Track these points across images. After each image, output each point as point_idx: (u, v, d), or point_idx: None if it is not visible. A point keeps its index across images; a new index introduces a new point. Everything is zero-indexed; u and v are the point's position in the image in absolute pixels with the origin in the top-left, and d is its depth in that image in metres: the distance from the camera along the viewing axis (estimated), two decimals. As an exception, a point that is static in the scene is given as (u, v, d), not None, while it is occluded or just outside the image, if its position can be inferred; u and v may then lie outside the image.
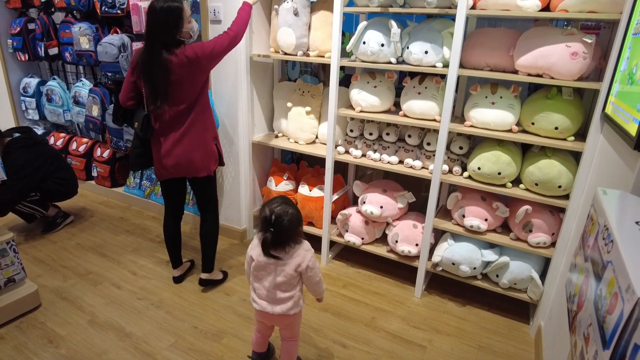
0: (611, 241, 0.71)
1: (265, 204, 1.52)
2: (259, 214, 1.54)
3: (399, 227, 2.38)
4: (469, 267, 2.17)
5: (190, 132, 2.03)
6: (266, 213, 1.47)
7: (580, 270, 0.88)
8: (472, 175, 2.13)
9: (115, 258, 2.66)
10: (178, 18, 1.86)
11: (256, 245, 1.55)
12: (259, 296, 1.58)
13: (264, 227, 1.49)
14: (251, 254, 1.56)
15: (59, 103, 3.72)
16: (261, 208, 1.53)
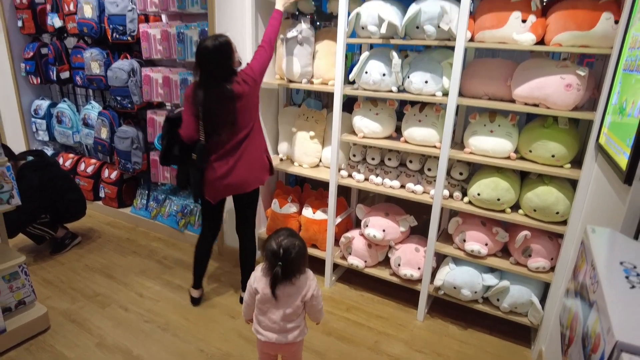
0: (597, 281, 0.76)
1: (271, 237, 1.54)
2: (264, 245, 1.56)
3: (402, 250, 2.42)
4: (470, 291, 2.21)
5: (246, 153, 2.15)
6: (274, 247, 1.49)
7: (572, 304, 0.93)
8: (472, 200, 2.18)
9: (122, 280, 2.71)
10: (230, 51, 2.03)
11: (260, 277, 1.55)
12: (264, 328, 1.58)
13: (271, 261, 1.50)
14: (255, 286, 1.55)
15: (68, 125, 3.82)
16: (267, 241, 1.54)
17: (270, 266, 1.51)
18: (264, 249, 1.54)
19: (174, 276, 2.75)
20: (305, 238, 2.30)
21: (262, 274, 1.56)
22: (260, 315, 1.58)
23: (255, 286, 1.56)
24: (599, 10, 1.75)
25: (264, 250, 1.54)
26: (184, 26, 2.84)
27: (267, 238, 1.55)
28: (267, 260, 1.53)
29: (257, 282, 1.56)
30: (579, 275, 0.93)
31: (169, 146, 2.19)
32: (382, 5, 2.15)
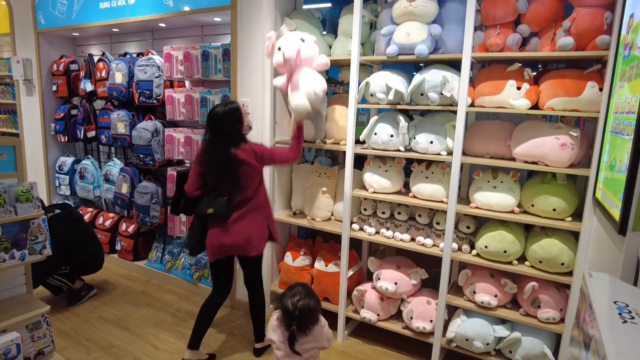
0: (594, 318, 0.86)
1: (286, 294, 1.63)
2: (280, 300, 1.64)
3: (414, 303, 2.47)
4: (483, 343, 2.24)
5: (247, 217, 2.25)
6: (289, 308, 1.58)
7: (576, 343, 1.02)
8: (480, 253, 2.27)
9: (137, 332, 2.75)
10: (240, 115, 2.22)
11: (276, 326, 1.63)
12: None
13: (287, 320, 1.59)
14: (272, 337, 1.64)
15: (90, 180, 4.02)
16: (282, 298, 1.63)
17: (287, 324, 1.59)
18: (280, 304, 1.62)
19: (188, 329, 2.77)
20: (317, 291, 2.36)
21: (278, 324, 1.63)
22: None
23: (272, 337, 1.63)
24: (584, 79, 1.95)
25: (280, 305, 1.62)
26: (207, 92, 3.11)
27: (283, 294, 1.63)
28: (283, 315, 1.61)
29: (272, 333, 1.63)
30: (581, 316, 1.02)
31: (177, 198, 2.39)
32: (389, 75, 2.38)
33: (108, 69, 3.65)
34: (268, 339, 1.65)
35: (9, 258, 2.06)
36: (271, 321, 1.66)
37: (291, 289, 1.65)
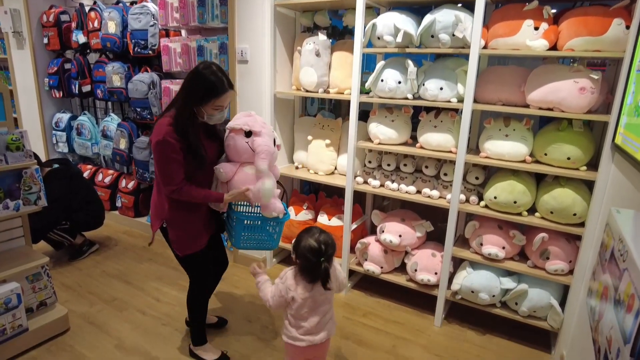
0: (626, 251, 0.78)
1: (303, 238, 1.52)
2: (296, 246, 1.54)
3: (418, 256, 2.43)
4: (488, 295, 2.21)
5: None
6: (314, 244, 1.48)
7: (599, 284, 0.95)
8: (489, 204, 2.20)
9: (139, 285, 2.74)
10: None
11: (294, 284, 1.53)
12: (306, 332, 1.57)
13: (312, 259, 1.48)
14: (292, 295, 1.53)
15: (88, 137, 3.92)
16: (301, 241, 1.52)
17: (312, 264, 1.49)
18: (299, 249, 1.51)
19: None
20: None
21: (295, 281, 1.54)
22: (300, 321, 1.57)
23: (292, 295, 1.54)
24: (610, 16, 1.80)
25: (299, 251, 1.52)
26: (204, 40, 2.95)
27: (299, 238, 1.53)
28: (304, 260, 1.50)
29: (293, 291, 1.54)
30: (606, 254, 0.95)
31: None
32: (397, 16, 2.23)
33: (100, 18, 3.47)
34: (289, 298, 1.54)
35: (2, 208, 2.00)
36: (285, 281, 1.56)
37: (306, 232, 1.55)
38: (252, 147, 1.78)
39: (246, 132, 1.79)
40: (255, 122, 1.82)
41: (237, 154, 1.82)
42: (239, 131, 1.80)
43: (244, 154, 1.80)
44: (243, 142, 1.79)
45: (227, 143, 1.84)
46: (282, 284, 1.55)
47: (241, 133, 1.80)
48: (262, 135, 1.79)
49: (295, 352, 1.63)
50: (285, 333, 1.61)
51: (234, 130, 1.81)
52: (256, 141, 1.78)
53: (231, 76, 2.77)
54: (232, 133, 1.82)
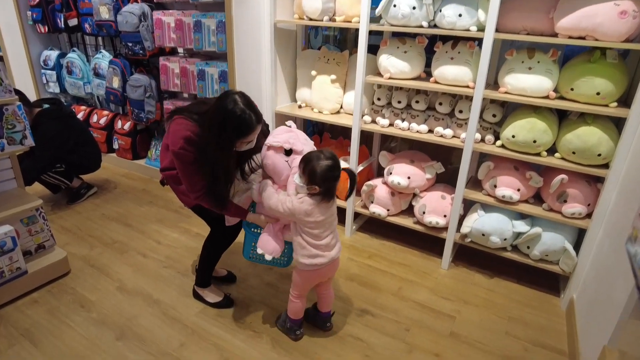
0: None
1: (315, 162, 1.47)
2: (310, 170, 1.48)
3: (427, 198, 2.33)
4: (500, 238, 2.13)
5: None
6: (330, 163, 1.48)
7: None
8: (506, 143, 2.05)
9: (139, 228, 2.68)
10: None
11: (311, 208, 1.51)
12: (325, 249, 1.59)
13: (329, 175, 1.48)
14: (315, 219, 1.53)
15: (79, 75, 3.71)
16: (315, 168, 1.47)
17: (334, 184, 1.52)
18: (317, 177, 1.47)
19: (191, 224, 2.71)
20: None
21: (312, 205, 1.51)
22: (317, 241, 1.58)
23: (315, 219, 1.53)
24: None
25: (319, 178, 1.47)
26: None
27: (312, 168, 1.48)
28: (328, 183, 1.50)
29: (313, 214, 1.52)
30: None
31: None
32: None
33: (81, -60, 3.13)
34: (308, 222, 1.54)
35: (-14, 147, 1.87)
36: (301, 206, 1.52)
37: (310, 159, 1.50)
38: (292, 166, 1.60)
39: (286, 150, 1.61)
40: (297, 140, 1.63)
41: (276, 174, 1.64)
42: (279, 149, 1.61)
43: (283, 172, 1.62)
44: (282, 160, 1.61)
45: (265, 162, 1.65)
46: (299, 204, 1.52)
47: (281, 151, 1.61)
48: (304, 153, 1.60)
49: (311, 276, 1.66)
50: (303, 256, 1.59)
51: (273, 147, 1.62)
52: (297, 160, 1.59)
53: (226, 4, 2.52)
54: (271, 151, 1.62)
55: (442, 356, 1.76)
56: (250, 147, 1.61)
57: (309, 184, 1.50)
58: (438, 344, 1.82)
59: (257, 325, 1.88)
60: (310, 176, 1.48)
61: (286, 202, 1.54)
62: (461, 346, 1.82)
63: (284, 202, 1.55)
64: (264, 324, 1.89)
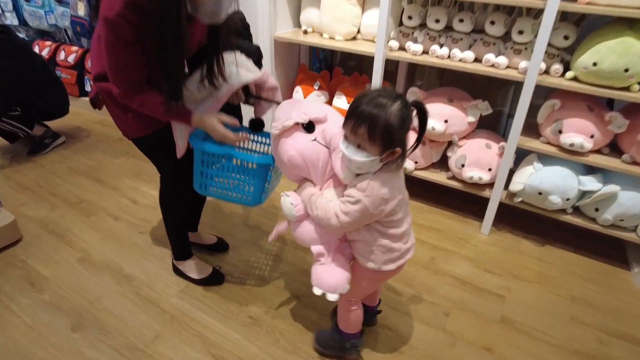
0: None
1: (380, 107, 0.89)
2: (381, 129, 0.89)
3: (467, 147, 1.86)
4: (561, 197, 1.68)
5: None
6: (401, 104, 0.90)
7: None
8: (580, 75, 1.55)
9: (113, 184, 2.22)
10: None
11: (386, 182, 0.96)
12: (407, 235, 1.09)
13: (409, 125, 0.93)
14: (396, 201, 0.99)
15: (39, 3, 3.10)
16: (383, 114, 0.89)
17: (407, 128, 0.93)
18: (384, 129, 0.89)
19: (175, 181, 2.25)
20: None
21: (388, 183, 0.96)
22: (399, 229, 1.05)
23: (400, 196, 1.01)
24: None
25: (386, 129, 0.89)
26: None
27: (374, 116, 0.89)
28: (405, 131, 0.93)
29: (390, 199, 0.97)
30: None
31: None
32: None
33: None
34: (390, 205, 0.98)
35: None
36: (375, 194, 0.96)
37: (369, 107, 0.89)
38: (327, 141, 1.03)
39: (305, 125, 1.04)
40: (310, 107, 1.06)
41: (309, 167, 1.05)
42: (294, 129, 1.04)
43: (319, 158, 1.03)
44: (308, 141, 1.03)
45: (286, 159, 1.06)
46: (368, 198, 0.95)
47: (298, 130, 1.04)
48: (330, 119, 1.05)
49: (384, 277, 1.16)
50: (387, 261, 1.07)
51: (286, 132, 1.04)
52: (328, 130, 1.03)
53: None
54: (286, 138, 1.05)
55: (494, 350, 1.36)
56: (216, 20, 1.05)
57: (383, 151, 0.93)
58: (487, 334, 1.42)
59: (254, 309, 1.47)
60: (385, 136, 0.90)
61: (349, 205, 0.97)
62: (517, 336, 1.42)
63: (343, 208, 0.98)
64: (263, 308, 1.48)
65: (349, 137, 0.94)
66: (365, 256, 1.08)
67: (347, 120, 0.93)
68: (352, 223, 0.99)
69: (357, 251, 1.10)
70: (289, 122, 1.03)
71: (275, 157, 1.11)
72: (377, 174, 0.96)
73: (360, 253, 1.09)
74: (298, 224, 1.10)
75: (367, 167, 0.95)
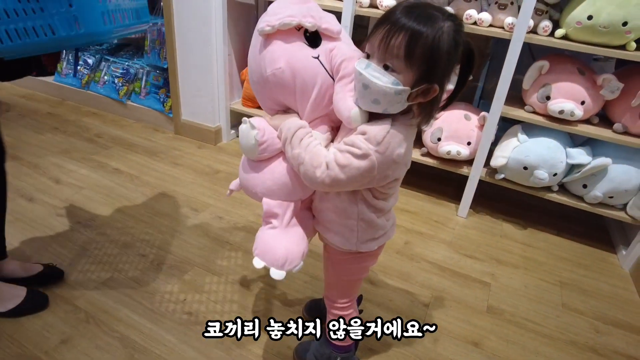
0: None
1: (427, 18, 0.61)
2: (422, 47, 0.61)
3: (444, 119, 1.66)
4: (549, 172, 1.51)
5: None
6: (454, 23, 0.63)
7: None
8: (572, 32, 1.38)
9: (32, 161, 1.86)
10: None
11: (406, 137, 0.69)
12: (393, 217, 0.87)
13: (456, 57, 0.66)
14: (405, 166, 0.75)
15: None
16: (429, 27, 0.61)
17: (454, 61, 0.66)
18: (427, 47, 0.61)
19: (110, 157, 1.93)
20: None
21: (407, 137, 0.70)
22: (388, 203, 0.81)
23: (402, 170, 0.75)
24: None
25: (430, 49, 0.61)
26: None
27: (417, 26, 0.61)
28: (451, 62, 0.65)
29: (401, 161, 0.71)
30: None
31: None
32: None
33: None
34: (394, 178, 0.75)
35: None
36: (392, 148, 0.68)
37: (411, 11, 0.62)
38: (334, 68, 0.73)
39: (309, 34, 0.73)
40: (322, 13, 0.75)
41: (295, 92, 0.75)
42: (292, 33, 0.73)
43: (316, 82, 0.74)
44: (309, 58, 0.73)
45: (264, 74, 0.74)
46: (379, 155, 0.67)
47: (297, 36, 0.73)
48: (344, 39, 0.77)
49: (370, 259, 0.91)
50: (369, 240, 0.83)
51: (281, 34, 0.72)
52: (339, 50, 0.73)
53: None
54: (275, 40, 0.73)
55: (482, 345, 1.16)
56: None
57: (418, 82, 0.65)
58: (474, 326, 1.21)
59: (194, 304, 1.20)
60: (428, 58, 0.62)
61: (350, 157, 0.68)
62: (507, 327, 1.22)
63: (340, 159, 0.69)
64: (204, 302, 1.20)
65: (374, 52, 0.65)
66: (339, 232, 0.82)
67: (378, 26, 0.64)
68: (342, 183, 0.70)
69: (326, 226, 0.84)
70: (290, 19, 0.71)
71: (254, 65, 0.77)
72: (397, 126, 0.68)
73: (331, 229, 0.83)
74: (256, 166, 0.82)
75: (387, 102, 0.66)
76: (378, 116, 0.69)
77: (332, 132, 0.80)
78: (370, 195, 0.77)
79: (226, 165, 1.95)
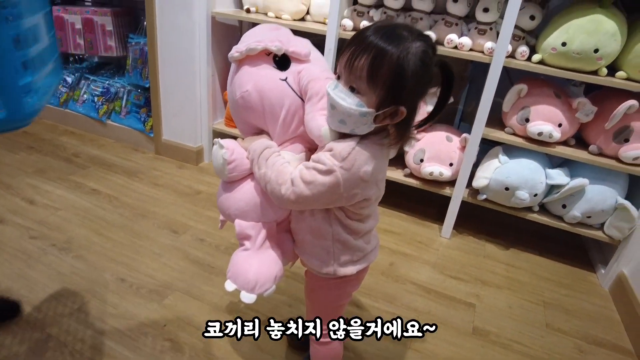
0: None
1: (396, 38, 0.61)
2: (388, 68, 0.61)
3: (427, 140, 1.68)
4: (529, 193, 1.54)
5: None
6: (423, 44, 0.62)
7: None
8: (548, 58, 1.43)
9: (4, 181, 1.80)
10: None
11: (374, 158, 0.68)
12: (371, 234, 0.84)
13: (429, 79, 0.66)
14: (376, 188, 0.74)
15: None
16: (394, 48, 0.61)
17: (427, 83, 0.65)
18: (392, 68, 0.61)
19: (87, 178, 1.87)
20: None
21: (376, 158, 0.69)
22: (364, 225, 0.79)
23: (373, 191, 0.73)
24: None
25: (395, 70, 0.61)
26: None
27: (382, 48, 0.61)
28: (420, 84, 0.64)
29: (371, 183, 0.71)
30: None
31: None
32: None
33: None
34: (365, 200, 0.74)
35: None
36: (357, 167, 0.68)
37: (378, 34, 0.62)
38: (302, 87, 0.74)
39: (277, 57, 0.76)
40: (291, 36, 0.79)
41: (264, 114, 0.77)
42: (261, 56, 0.75)
43: (283, 104, 0.75)
44: (276, 81, 0.75)
45: (234, 98, 0.78)
46: (344, 171, 0.67)
47: (266, 60, 0.76)
48: (313, 61, 0.78)
49: (355, 282, 0.89)
50: (346, 263, 0.81)
51: (250, 60, 0.76)
52: (307, 71, 0.75)
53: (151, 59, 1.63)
54: (245, 64, 0.76)
55: (469, 368, 1.15)
56: None
57: (383, 104, 0.65)
58: (460, 348, 1.20)
59: (176, 331, 1.15)
60: (392, 80, 0.62)
61: (315, 173, 0.68)
62: (493, 349, 1.21)
63: (305, 175, 0.69)
64: (186, 329, 1.16)
65: (342, 74, 0.66)
66: (315, 254, 0.80)
67: (345, 48, 0.65)
68: (309, 200, 0.69)
69: (303, 247, 0.83)
70: (256, 44, 0.73)
71: (229, 91, 0.80)
72: (366, 144, 0.68)
73: (307, 250, 0.82)
74: (229, 187, 0.81)
75: (353, 122, 0.66)
76: (349, 135, 0.69)
77: (308, 154, 0.80)
78: (343, 215, 0.76)
79: (207, 186, 1.92)
